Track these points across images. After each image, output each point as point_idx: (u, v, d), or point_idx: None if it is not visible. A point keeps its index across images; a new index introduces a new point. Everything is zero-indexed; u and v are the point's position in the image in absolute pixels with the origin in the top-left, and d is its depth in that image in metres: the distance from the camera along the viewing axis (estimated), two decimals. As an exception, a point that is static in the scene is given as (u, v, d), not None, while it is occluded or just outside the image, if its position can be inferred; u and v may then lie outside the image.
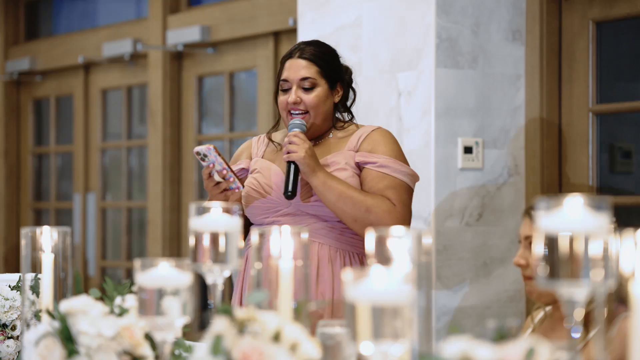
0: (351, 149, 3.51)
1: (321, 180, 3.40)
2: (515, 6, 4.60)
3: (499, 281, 4.53)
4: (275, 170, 3.52)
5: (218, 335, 1.72)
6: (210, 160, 3.37)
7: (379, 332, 1.51)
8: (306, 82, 3.50)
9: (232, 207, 2.01)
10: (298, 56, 3.54)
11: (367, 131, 3.54)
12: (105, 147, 7.13)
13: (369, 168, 3.47)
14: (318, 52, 3.56)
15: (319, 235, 3.44)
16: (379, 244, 1.73)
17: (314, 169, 3.40)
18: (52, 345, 1.98)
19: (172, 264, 1.86)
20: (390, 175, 3.45)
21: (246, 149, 3.68)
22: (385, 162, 3.46)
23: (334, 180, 3.41)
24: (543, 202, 1.59)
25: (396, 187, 3.45)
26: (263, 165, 3.55)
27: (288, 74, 3.52)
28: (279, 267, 1.93)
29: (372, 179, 3.45)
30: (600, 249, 1.56)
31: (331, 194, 3.39)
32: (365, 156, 3.48)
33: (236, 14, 6.03)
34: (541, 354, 1.52)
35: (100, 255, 7.12)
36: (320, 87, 3.52)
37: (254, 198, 3.50)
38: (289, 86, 3.52)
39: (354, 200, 3.38)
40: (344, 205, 3.38)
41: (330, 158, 3.50)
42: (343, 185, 3.40)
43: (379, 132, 3.54)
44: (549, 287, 1.58)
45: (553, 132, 4.58)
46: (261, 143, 3.66)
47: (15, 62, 7.58)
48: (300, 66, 3.51)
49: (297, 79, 3.50)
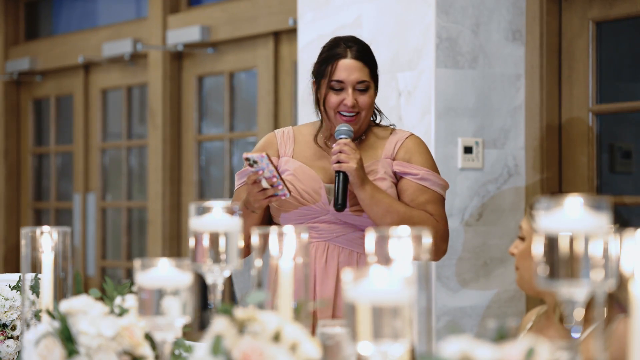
0: (388, 157, 3.47)
1: (369, 193, 3.35)
2: (515, 6, 4.60)
3: (499, 281, 4.53)
4: (312, 175, 3.44)
5: (218, 335, 1.72)
6: (260, 166, 3.28)
7: (378, 332, 1.51)
8: (362, 84, 3.45)
9: (233, 207, 2.01)
10: (351, 56, 3.49)
11: (402, 138, 3.51)
12: (105, 147, 7.13)
13: (409, 179, 3.44)
14: (366, 51, 3.51)
15: (356, 245, 3.41)
16: (379, 244, 1.73)
17: (363, 181, 3.33)
18: (52, 345, 1.98)
19: (172, 264, 1.86)
20: (430, 189, 3.44)
21: (271, 145, 3.56)
22: (426, 175, 3.44)
23: (381, 194, 3.36)
24: (543, 202, 1.59)
25: (436, 201, 3.45)
26: (298, 169, 3.47)
27: (343, 75, 3.45)
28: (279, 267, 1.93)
29: (413, 192, 3.43)
30: (600, 249, 1.56)
31: (379, 207, 3.34)
32: (404, 166, 3.45)
33: (236, 14, 6.03)
34: (541, 354, 1.52)
35: (100, 255, 7.12)
36: (371, 89, 3.50)
37: (290, 204, 3.42)
38: (342, 87, 3.45)
39: (401, 215, 3.35)
40: (391, 220, 3.34)
41: (370, 166, 3.45)
42: (390, 199, 3.36)
43: (415, 141, 3.52)
44: (549, 287, 1.58)
45: (553, 132, 4.58)
46: (287, 139, 3.56)
47: (15, 62, 7.58)
48: (355, 68, 3.45)
49: (353, 81, 3.44)
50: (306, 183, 3.44)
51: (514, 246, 3.02)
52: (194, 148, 6.40)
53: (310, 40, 4.90)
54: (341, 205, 3.32)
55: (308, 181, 3.44)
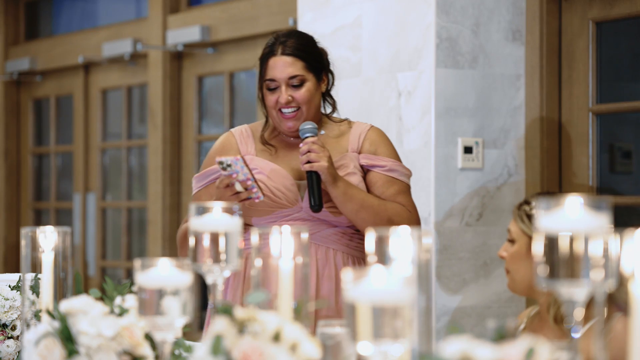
0: (354, 150, 3.45)
1: (342, 189, 3.32)
2: (515, 6, 4.60)
3: (499, 281, 4.53)
4: (281, 172, 3.40)
5: (218, 335, 1.72)
6: (234, 170, 3.23)
7: (379, 332, 1.51)
8: (295, 79, 3.41)
9: (233, 207, 2.01)
10: (281, 53, 3.44)
11: (365, 130, 3.49)
12: (105, 147, 7.13)
13: (377, 172, 3.42)
14: (300, 44, 3.45)
15: (332, 242, 3.39)
16: (379, 244, 1.73)
17: (335, 178, 3.30)
18: (52, 345, 1.98)
19: (172, 264, 1.86)
20: (399, 180, 3.43)
21: (230, 145, 3.51)
22: (393, 166, 3.43)
23: (354, 189, 3.34)
24: (543, 202, 1.59)
25: (405, 191, 3.44)
26: (265, 166, 3.43)
27: (274, 73, 3.40)
28: (279, 267, 1.93)
29: (382, 184, 3.41)
30: (600, 249, 1.56)
31: (352, 203, 3.32)
32: (371, 159, 3.43)
33: (236, 14, 6.03)
34: (541, 354, 1.52)
35: (100, 255, 7.12)
36: (309, 82, 3.43)
37: (262, 202, 3.36)
38: (276, 85, 3.40)
39: (375, 209, 3.34)
40: (366, 215, 3.32)
41: (339, 161, 3.42)
42: (362, 194, 3.34)
43: (377, 132, 3.50)
44: (548, 287, 1.58)
45: (553, 132, 4.58)
46: (247, 137, 3.51)
47: (15, 62, 7.58)
48: (286, 64, 3.39)
49: (285, 77, 3.39)
50: (277, 180, 3.39)
51: (503, 249, 3.02)
52: (194, 148, 6.40)
53: (310, 40, 4.90)
54: (318, 206, 3.28)
55: (278, 178, 3.40)
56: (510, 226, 3.00)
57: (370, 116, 4.62)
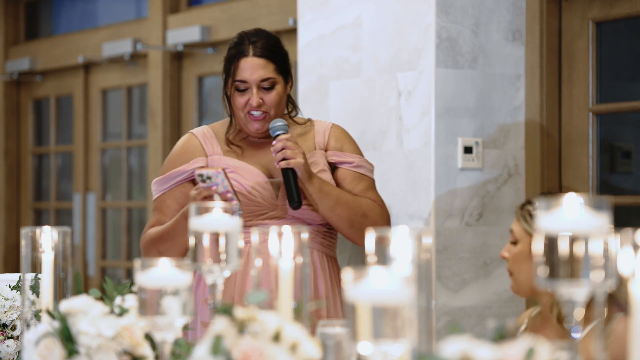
0: (322, 148, 3.43)
1: (317, 186, 3.29)
2: (515, 6, 4.60)
3: (499, 281, 4.53)
4: (253, 171, 3.36)
5: (218, 335, 1.72)
6: (214, 182, 3.19)
7: (379, 332, 1.51)
8: (266, 82, 3.37)
9: (233, 207, 2.01)
10: (253, 54, 3.40)
11: (328, 127, 3.46)
12: (105, 147, 7.13)
13: (346, 168, 3.41)
14: (270, 46, 3.41)
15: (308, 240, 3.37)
16: (379, 244, 1.73)
17: (310, 174, 3.27)
18: (52, 345, 1.98)
19: (172, 264, 1.86)
20: (366, 176, 3.43)
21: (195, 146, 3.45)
22: (360, 162, 3.43)
23: (328, 185, 3.32)
24: (543, 202, 1.59)
25: (373, 186, 3.45)
26: (237, 166, 3.38)
27: (246, 74, 3.36)
28: (279, 267, 1.93)
29: (351, 180, 3.41)
30: (600, 249, 1.56)
31: (328, 200, 3.30)
32: (339, 155, 3.42)
33: (236, 14, 6.03)
34: (541, 354, 1.52)
35: (100, 255, 7.12)
36: (279, 84, 3.40)
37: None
38: (246, 87, 3.36)
39: (350, 205, 3.33)
40: (341, 211, 3.31)
41: (310, 158, 3.38)
42: (337, 190, 3.33)
43: (340, 129, 3.50)
44: (549, 287, 1.58)
45: (553, 132, 4.58)
46: (211, 139, 3.45)
47: (15, 62, 7.58)
48: (258, 66, 3.36)
49: (257, 80, 3.35)
50: (250, 179, 3.35)
51: (506, 250, 3.01)
52: (194, 148, 6.40)
53: (310, 40, 4.90)
54: (298, 204, 3.25)
55: (252, 177, 3.35)
56: (513, 226, 3.00)
57: (370, 116, 4.62)
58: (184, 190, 3.40)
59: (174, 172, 3.41)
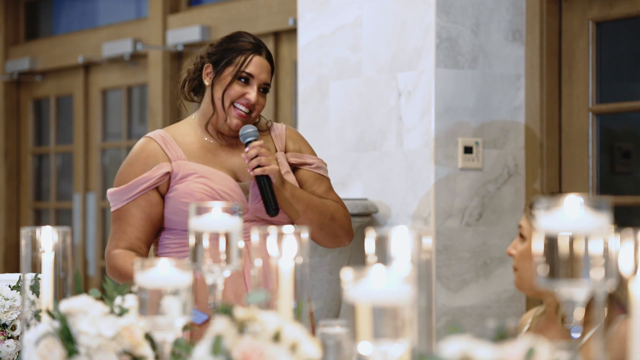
0: (281, 150, 3.42)
1: (289, 191, 3.27)
2: (515, 6, 4.60)
3: (499, 281, 4.54)
4: (221, 175, 3.30)
5: (218, 335, 1.72)
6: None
7: (379, 332, 1.51)
8: (267, 86, 3.35)
9: (233, 207, 2.01)
10: (265, 56, 3.37)
11: (283, 129, 3.44)
12: (105, 147, 7.13)
13: (307, 170, 3.40)
14: (271, 56, 3.46)
15: None
16: (379, 244, 1.73)
17: (283, 181, 3.25)
18: (52, 345, 1.98)
19: (172, 264, 1.86)
20: (325, 176, 3.43)
21: (156, 151, 3.35)
22: (319, 163, 3.42)
23: (298, 190, 3.29)
24: (543, 202, 1.59)
25: (332, 187, 3.44)
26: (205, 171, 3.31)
27: (255, 70, 3.33)
28: (279, 267, 1.93)
29: (313, 182, 3.39)
30: (600, 249, 1.56)
31: (300, 204, 3.28)
32: (299, 157, 3.40)
33: (236, 14, 6.03)
34: (541, 354, 1.52)
35: (100, 255, 7.12)
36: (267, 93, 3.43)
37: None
38: (250, 81, 3.33)
39: (319, 208, 3.32)
40: (311, 214, 3.30)
41: None
42: (306, 194, 3.31)
43: (293, 131, 3.48)
44: (549, 287, 1.58)
45: (553, 132, 4.58)
46: (170, 142, 3.38)
47: (15, 62, 7.58)
48: (266, 69, 3.34)
49: (262, 80, 3.33)
50: (221, 184, 3.29)
51: (512, 246, 3.01)
52: (194, 148, 6.40)
53: (310, 40, 4.91)
54: (275, 210, 3.21)
55: (222, 182, 3.29)
56: (522, 222, 3.00)
57: (370, 116, 4.62)
58: (149, 199, 3.32)
59: (138, 180, 3.33)
